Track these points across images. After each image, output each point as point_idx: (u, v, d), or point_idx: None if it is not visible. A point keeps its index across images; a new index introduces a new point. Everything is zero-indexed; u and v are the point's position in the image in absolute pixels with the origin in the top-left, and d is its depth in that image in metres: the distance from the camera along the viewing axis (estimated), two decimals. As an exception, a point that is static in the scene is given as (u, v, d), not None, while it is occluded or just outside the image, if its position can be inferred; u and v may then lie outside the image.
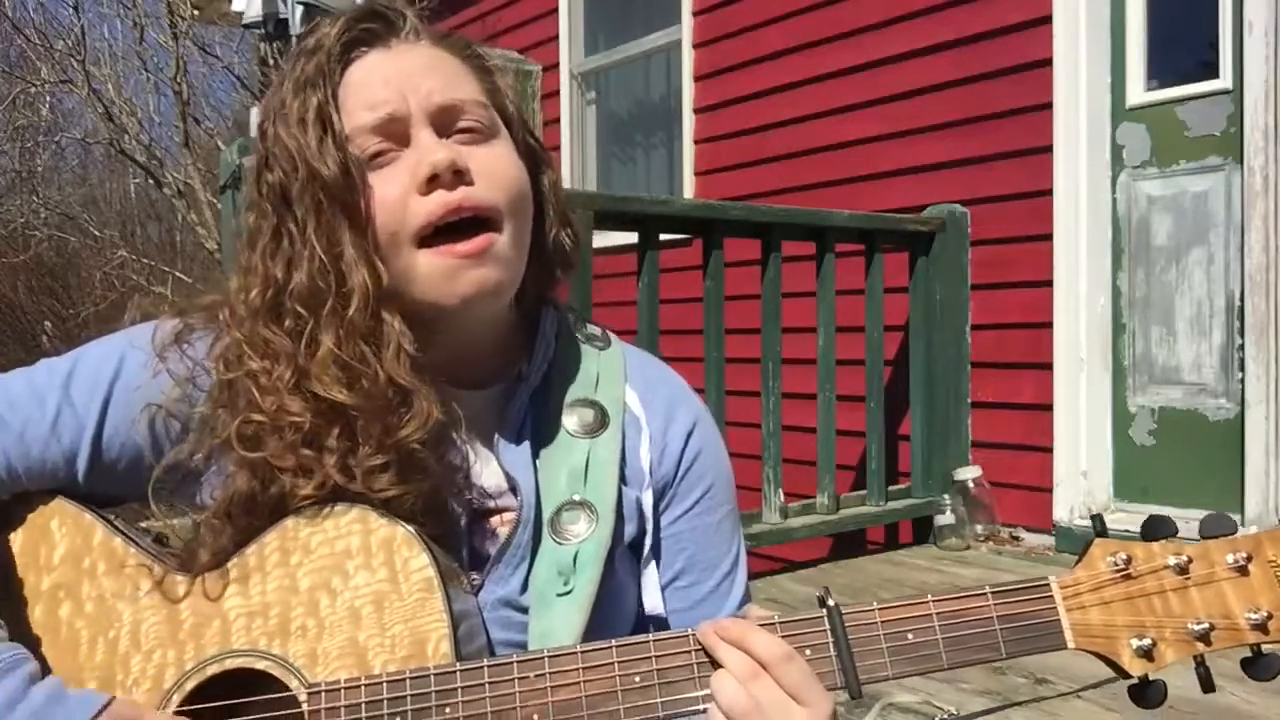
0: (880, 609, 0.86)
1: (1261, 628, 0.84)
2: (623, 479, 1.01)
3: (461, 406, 0.97)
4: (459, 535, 0.98)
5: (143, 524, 0.99)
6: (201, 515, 0.93)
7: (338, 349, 0.91)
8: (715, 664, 0.85)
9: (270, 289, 0.93)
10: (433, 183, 0.92)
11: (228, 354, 0.95)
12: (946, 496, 3.76)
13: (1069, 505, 3.67)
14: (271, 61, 7.53)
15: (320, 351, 0.91)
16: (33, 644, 0.91)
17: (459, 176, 0.93)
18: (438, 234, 0.93)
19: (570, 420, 1.02)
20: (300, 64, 0.96)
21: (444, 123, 0.95)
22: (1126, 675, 0.85)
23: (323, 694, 0.85)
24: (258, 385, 0.92)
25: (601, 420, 1.02)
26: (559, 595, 0.95)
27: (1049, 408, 3.73)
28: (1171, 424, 3.56)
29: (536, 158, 1.03)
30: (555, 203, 1.04)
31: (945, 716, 2.19)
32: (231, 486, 0.91)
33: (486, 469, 1.00)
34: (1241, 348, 3.36)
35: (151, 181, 9.33)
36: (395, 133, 0.94)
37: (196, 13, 8.41)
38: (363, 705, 0.84)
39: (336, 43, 0.95)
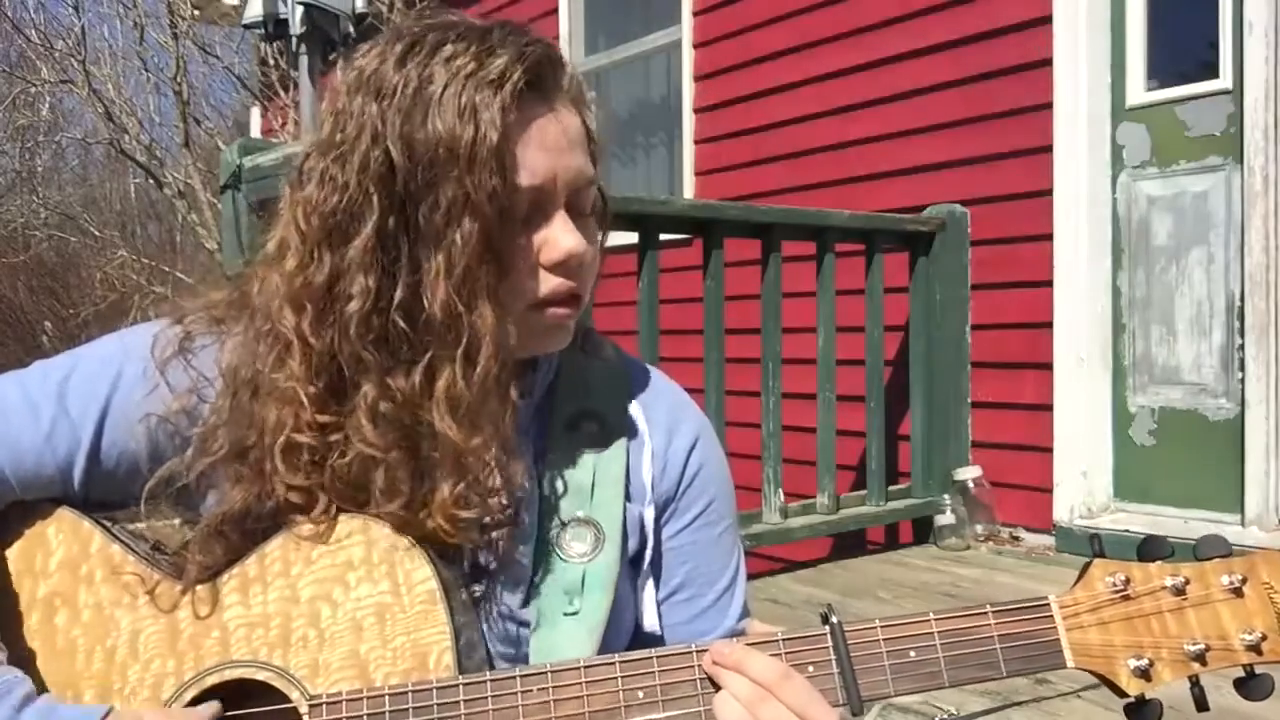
0: (882, 626, 0.87)
1: (1255, 649, 0.85)
2: (626, 495, 1.01)
3: None
4: (461, 547, 0.97)
5: (138, 525, 0.98)
6: (197, 523, 0.92)
7: (463, 391, 0.88)
8: (718, 687, 0.85)
9: (368, 300, 0.88)
10: (559, 267, 0.93)
11: (260, 347, 0.92)
12: (946, 496, 3.76)
13: (1069, 505, 3.67)
14: (271, 61, 7.54)
15: (438, 392, 0.88)
16: (28, 653, 0.91)
17: (579, 266, 0.94)
18: None
19: (575, 434, 1.01)
20: (466, 82, 0.87)
21: (575, 203, 0.95)
22: (1123, 694, 0.86)
23: (324, 706, 0.85)
24: (296, 395, 0.89)
25: (606, 435, 1.01)
26: (565, 614, 0.94)
27: (1049, 408, 3.73)
28: (1172, 424, 3.56)
29: (598, 214, 1.02)
30: (602, 243, 1.04)
31: (945, 716, 2.19)
32: (226, 503, 0.90)
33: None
34: (1241, 348, 3.35)
35: (152, 181, 9.33)
36: (538, 201, 0.92)
37: (197, 13, 8.41)
38: (364, 717, 0.84)
39: (521, 81, 0.89)
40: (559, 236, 0.92)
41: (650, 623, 1.03)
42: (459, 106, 0.86)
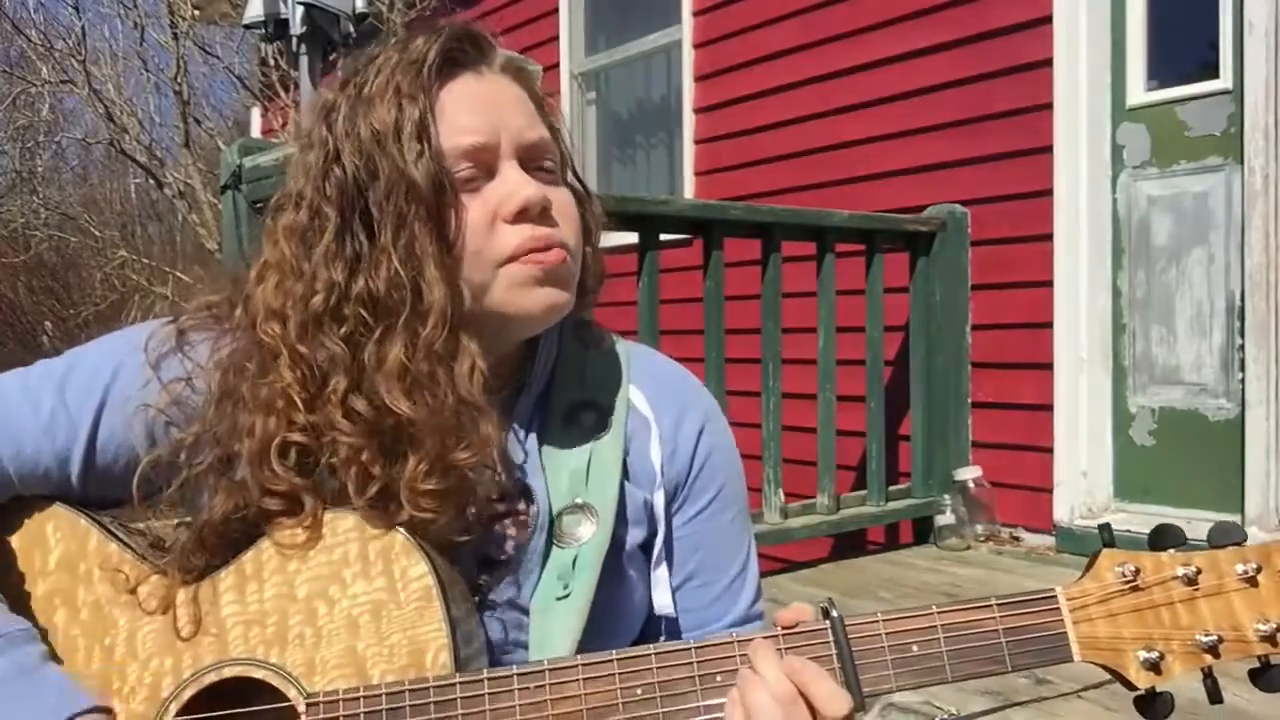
0: (884, 619, 0.85)
1: (1270, 639, 0.83)
2: (630, 479, 1.01)
3: None
4: (468, 540, 0.97)
5: (139, 525, 0.98)
6: (192, 523, 0.92)
7: (407, 362, 0.90)
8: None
9: (333, 294, 0.91)
10: (521, 215, 0.93)
11: (248, 360, 0.93)
12: (946, 496, 3.76)
13: (1069, 505, 3.67)
14: (271, 62, 7.54)
15: (387, 365, 0.90)
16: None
17: (544, 214, 0.95)
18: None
19: (572, 425, 1.02)
20: (392, 72, 0.94)
21: (527, 160, 0.96)
22: (1133, 688, 0.85)
23: (321, 704, 0.85)
24: (288, 399, 0.90)
25: (603, 423, 1.02)
26: (558, 599, 0.95)
27: (1049, 408, 3.73)
28: (1172, 424, 3.56)
29: (579, 196, 1.04)
30: (595, 238, 1.06)
31: (946, 717, 2.19)
32: (208, 513, 0.90)
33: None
34: (1242, 348, 3.35)
35: (152, 182, 9.34)
36: (483, 161, 0.94)
37: (197, 13, 8.41)
38: (361, 716, 0.84)
39: (437, 56, 0.94)
40: (513, 187, 0.94)
41: (663, 605, 1.03)
42: (385, 94, 0.93)
